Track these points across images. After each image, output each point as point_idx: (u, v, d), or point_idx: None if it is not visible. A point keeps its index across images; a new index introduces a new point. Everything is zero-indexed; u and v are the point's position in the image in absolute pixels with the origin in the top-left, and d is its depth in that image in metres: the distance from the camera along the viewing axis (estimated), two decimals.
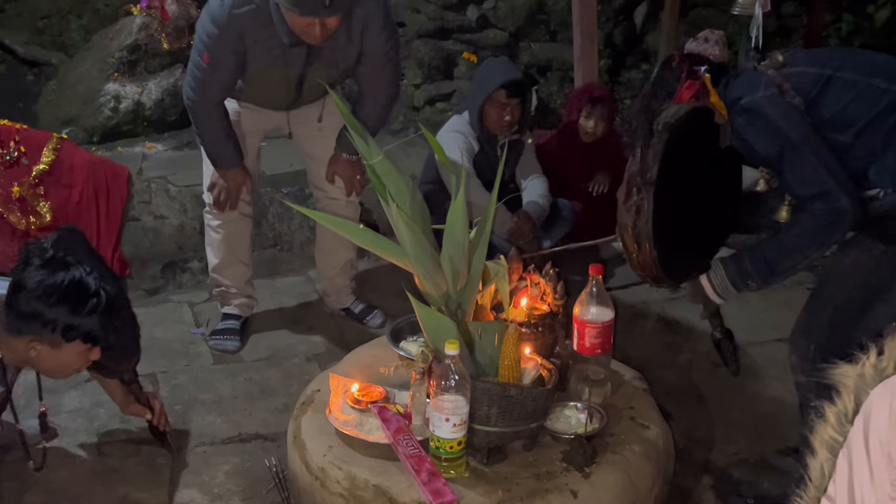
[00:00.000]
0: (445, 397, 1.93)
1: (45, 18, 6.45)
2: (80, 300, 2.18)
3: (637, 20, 5.92)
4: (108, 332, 2.24)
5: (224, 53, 2.86)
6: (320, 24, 2.71)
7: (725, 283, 2.34)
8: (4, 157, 3.56)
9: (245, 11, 2.78)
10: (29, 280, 2.15)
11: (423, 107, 5.59)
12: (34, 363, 2.28)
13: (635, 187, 2.19)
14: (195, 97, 2.98)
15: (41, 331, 2.16)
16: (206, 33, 2.85)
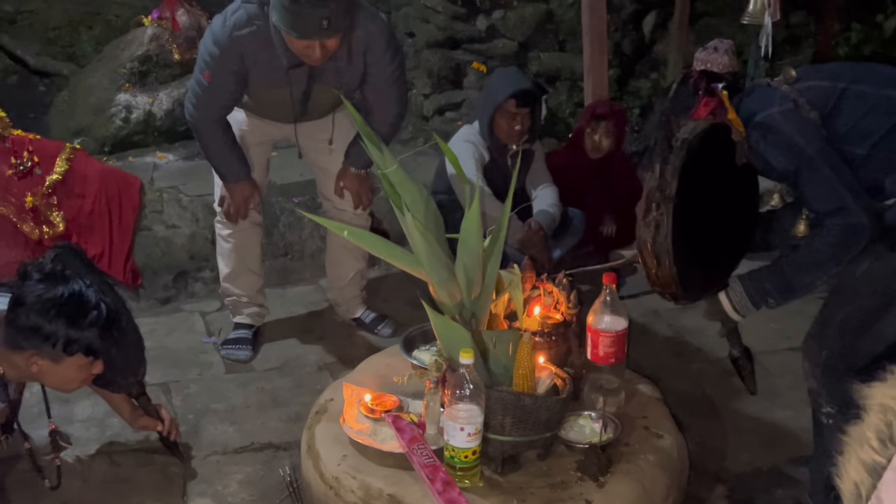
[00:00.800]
0: (460, 406, 1.93)
1: (56, 29, 6.49)
2: (79, 313, 2.16)
3: (646, 29, 5.92)
4: (109, 345, 2.23)
5: (225, 73, 2.88)
6: (320, 45, 2.72)
7: (744, 301, 2.35)
8: (18, 168, 3.58)
9: (246, 33, 2.80)
10: (28, 295, 2.14)
11: (432, 116, 5.60)
12: (37, 378, 2.27)
13: (654, 203, 2.19)
14: (196, 114, 3.00)
15: (41, 345, 2.15)
16: (208, 53, 2.87)
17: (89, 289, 2.19)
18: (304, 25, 2.66)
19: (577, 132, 4.14)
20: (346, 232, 2.13)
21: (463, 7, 5.56)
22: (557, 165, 3.89)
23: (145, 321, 3.61)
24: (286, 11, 2.64)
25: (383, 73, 3.01)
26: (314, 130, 3.22)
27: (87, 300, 2.18)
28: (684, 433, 2.66)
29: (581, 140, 4.08)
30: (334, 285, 3.59)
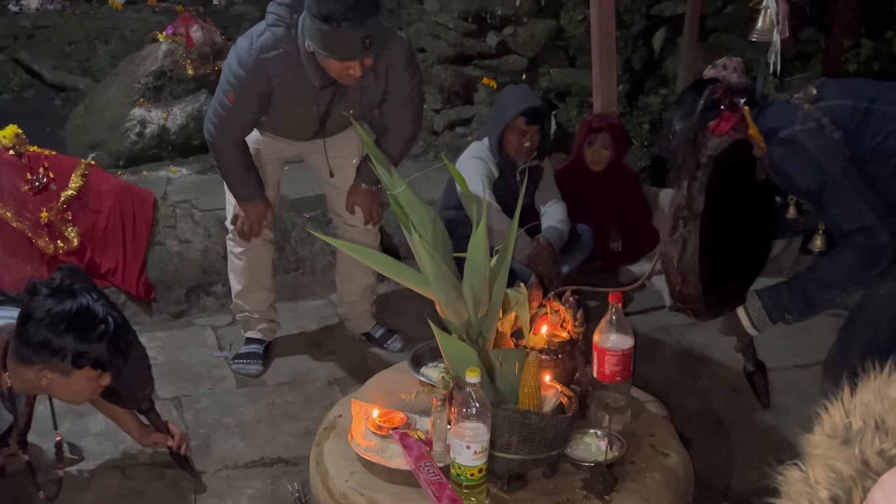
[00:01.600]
0: (466, 424, 1.95)
1: (72, 44, 6.57)
2: (88, 327, 2.19)
3: (655, 45, 5.95)
4: (117, 358, 2.27)
5: (249, 95, 2.91)
6: (360, 65, 2.75)
7: (762, 316, 2.36)
8: (34, 183, 3.63)
9: (273, 56, 2.82)
10: (37, 309, 2.17)
11: (442, 131, 5.64)
12: (46, 391, 2.30)
13: (681, 220, 2.20)
14: (217, 134, 3.03)
15: (51, 359, 2.18)
16: (234, 74, 2.89)
17: (97, 303, 2.23)
18: (345, 48, 2.69)
19: (577, 148, 4.17)
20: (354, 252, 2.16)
21: (474, 23, 5.61)
22: (562, 181, 3.92)
23: (158, 335, 3.67)
24: (325, 35, 2.66)
25: (403, 90, 3.04)
26: (328, 147, 3.25)
27: (96, 314, 2.21)
28: (691, 450, 2.67)
29: (581, 155, 4.12)
30: (344, 300, 3.63)
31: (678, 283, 2.26)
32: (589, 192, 4.05)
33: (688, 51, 5.30)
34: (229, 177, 3.15)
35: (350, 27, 2.63)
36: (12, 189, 3.60)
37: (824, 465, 0.92)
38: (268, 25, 2.86)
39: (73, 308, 2.18)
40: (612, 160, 4.10)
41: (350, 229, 3.38)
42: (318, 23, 2.65)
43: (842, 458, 0.91)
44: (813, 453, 0.95)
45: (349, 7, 2.62)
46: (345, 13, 2.61)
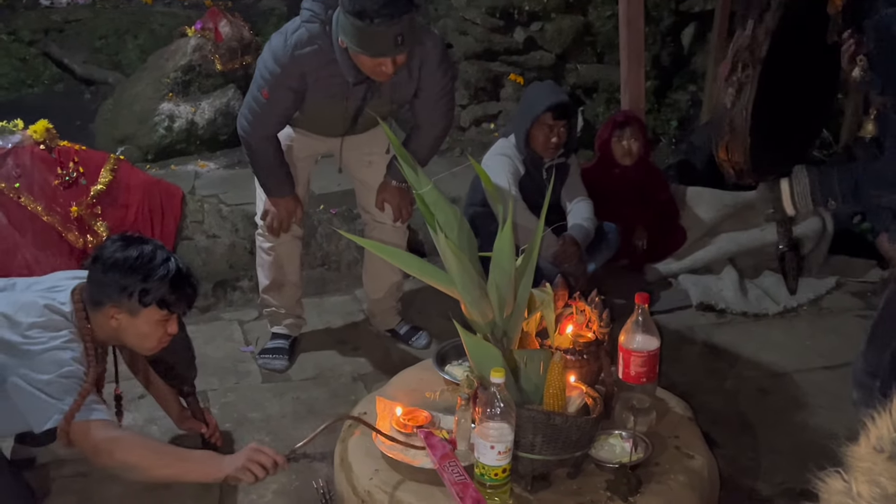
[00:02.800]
0: (491, 425, 1.95)
1: (102, 38, 6.63)
2: (151, 267, 2.31)
3: (684, 41, 5.91)
4: (181, 300, 2.37)
5: (284, 91, 2.92)
6: (392, 61, 2.76)
7: (806, 194, 2.18)
8: (64, 178, 3.67)
9: (308, 52, 2.84)
10: (106, 253, 2.32)
11: (469, 127, 5.63)
12: (118, 336, 2.38)
13: (741, 63, 2.05)
14: (251, 130, 3.03)
15: (119, 297, 2.28)
16: (269, 70, 2.90)
17: (162, 250, 2.37)
18: (378, 44, 2.70)
19: (602, 145, 4.15)
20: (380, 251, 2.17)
21: (501, 19, 5.59)
22: (590, 180, 3.90)
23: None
24: (358, 31, 2.67)
25: (435, 87, 3.05)
26: (359, 144, 3.27)
27: (158, 257, 2.34)
28: (716, 452, 2.65)
29: (608, 152, 4.10)
30: (371, 297, 3.64)
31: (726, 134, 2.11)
32: (616, 190, 4.04)
33: (717, 47, 5.25)
34: (261, 172, 3.15)
35: (383, 24, 2.64)
36: (42, 183, 3.65)
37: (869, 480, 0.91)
38: (302, 22, 2.86)
39: (140, 251, 2.32)
40: (641, 154, 4.08)
41: (378, 226, 3.39)
42: (351, 18, 2.65)
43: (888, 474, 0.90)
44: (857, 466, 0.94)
45: (383, 4, 2.62)
46: (378, 9, 2.62)
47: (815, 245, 4.22)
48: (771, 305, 3.93)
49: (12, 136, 3.70)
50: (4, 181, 3.59)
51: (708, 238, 4.25)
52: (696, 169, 4.73)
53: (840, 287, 4.11)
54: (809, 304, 3.98)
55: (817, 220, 4.21)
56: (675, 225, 4.23)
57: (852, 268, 4.20)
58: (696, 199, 4.31)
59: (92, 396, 2.21)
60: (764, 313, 3.89)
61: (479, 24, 5.62)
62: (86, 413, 2.18)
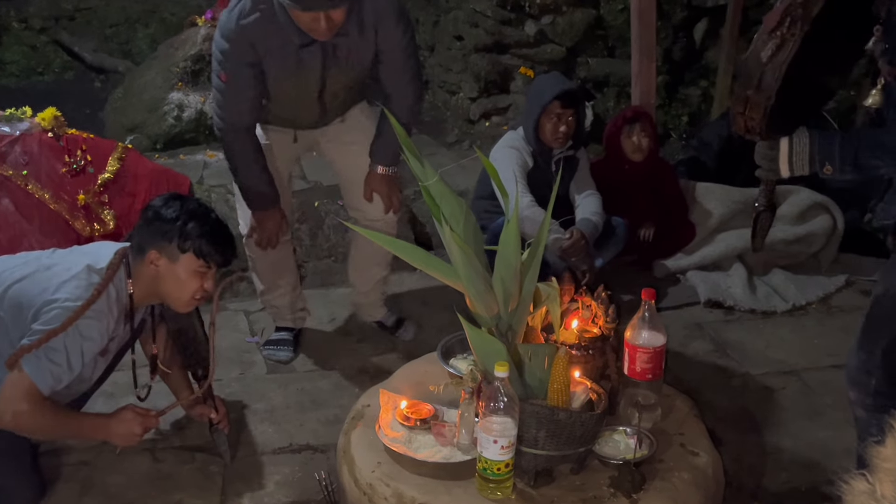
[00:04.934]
0: (494, 419, 1.94)
1: (113, 27, 6.65)
2: (193, 215, 2.44)
3: (697, 36, 5.87)
4: (217, 251, 2.46)
5: (240, 67, 2.82)
6: (325, 18, 2.64)
7: (804, 155, 2.12)
8: (71, 166, 3.66)
9: (252, 20, 2.74)
10: (154, 203, 2.49)
11: (478, 120, 5.61)
12: (157, 286, 2.46)
13: (790, 18, 1.94)
14: (223, 123, 2.95)
15: (160, 241, 2.41)
16: (219, 50, 2.83)
17: (204, 206, 2.53)
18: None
19: (611, 141, 4.12)
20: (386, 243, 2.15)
21: (512, 12, 5.57)
22: (599, 175, 3.88)
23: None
24: None
25: (396, 46, 2.93)
26: (338, 133, 3.19)
27: (202, 208, 2.50)
28: (722, 449, 2.64)
29: (617, 147, 4.08)
30: (358, 289, 3.59)
31: (751, 87, 2.00)
32: (625, 185, 4.02)
33: (729, 42, 5.23)
34: (242, 176, 3.05)
35: None
36: (50, 171, 3.64)
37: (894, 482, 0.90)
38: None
39: (183, 203, 2.48)
40: (650, 149, 4.06)
41: (370, 224, 3.25)
42: None
43: None
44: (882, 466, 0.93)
45: None
46: None
47: (825, 242, 4.19)
48: (780, 303, 3.90)
49: (20, 124, 3.69)
50: (12, 168, 3.59)
51: (717, 234, 4.22)
52: (707, 165, 4.71)
53: (850, 285, 4.08)
54: (819, 302, 3.95)
55: (828, 217, 4.18)
56: (684, 220, 4.21)
57: (862, 266, 4.17)
58: (705, 195, 4.29)
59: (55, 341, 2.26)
60: (772, 311, 3.86)
61: (490, 16, 5.59)
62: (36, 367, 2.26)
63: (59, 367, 2.29)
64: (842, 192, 4.28)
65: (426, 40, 6.22)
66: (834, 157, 2.08)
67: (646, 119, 4.08)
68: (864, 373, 2.26)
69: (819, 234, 4.15)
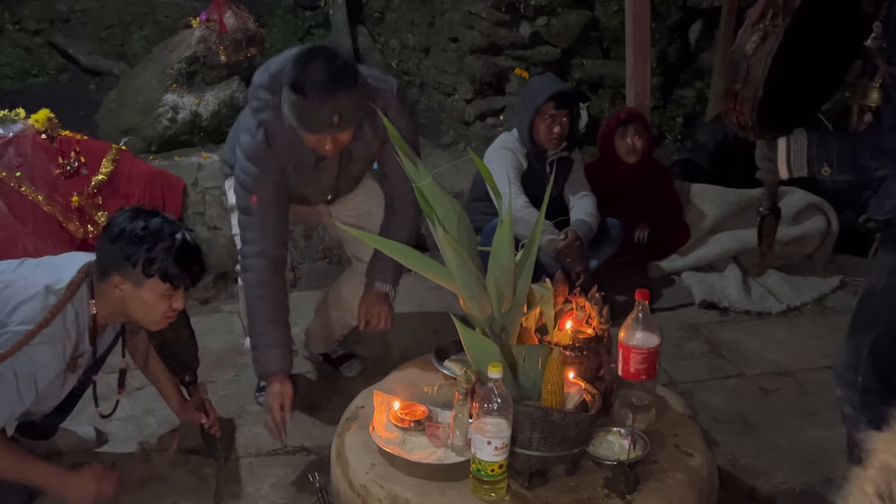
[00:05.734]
0: (488, 420, 1.93)
1: (108, 29, 6.64)
2: (157, 237, 2.31)
3: (691, 38, 5.88)
4: (184, 273, 2.35)
5: (270, 187, 2.68)
6: (331, 139, 2.56)
7: (802, 156, 2.13)
8: (65, 168, 3.66)
9: (279, 143, 2.65)
10: (115, 222, 2.35)
11: (473, 122, 5.61)
12: (124, 309, 2.37)
13: (772, 10, 1.95)
14: (252, 246, 2.71)
15: (124, 266, 2.30)
16: (248, 174, 2.67)
17: (171, 223, 2.37)
18: (313, 120, 2.51)
19: (605, 143, 4.12)
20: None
21: (507, 13, 5.57)
22: (593, 177, 3.88)
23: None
24: (295, 107, 2.50)
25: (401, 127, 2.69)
26: (351, 199, 3.06)
27: (165, 229, 2.34)
28: (716, 451, 2.64)
29: (611, 149, 4.08)
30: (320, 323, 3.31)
31: (738, 81, 2.01)
32: (619, 186, 4.02)
33: (724, 44, 5.23)
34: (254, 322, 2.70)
35: (319, 100, 2.45)
36: (44, 173, 3.64)
37: None
38: (253, 112, 2.68)
39: (147, 222, 2.33)
40: (645, 151, 4.06)
41: None
42: (290, 92, 2.48)
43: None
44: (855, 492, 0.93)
45: (322, 77, 2.44)
46: (316, 83, 2.44)
47: (819, 243, 4.20)
48: (774, 304, 3.91)
49: (14, 125, 3.69)
50: (5, 170, 3.59)
51: (712, 235, 4.22)
52: (701, 166, 4.71)
53: (844, 286, 4.09)
54: (813, 303, 3.96)
55: (822, 218, 4.18)
56: (678, 221, 4.21)
57: (857, 267, 4.18)
58: (700, 196, 4.29)
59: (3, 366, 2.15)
60: (767, 312, 3.87)
61: (485, 18, 5.59)
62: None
63: (9, 395, 2.18)
64: (836, 193, 4.28)
65: (421, 42, 6.22)
66: (832, 158, 2.09)
67: (640, 121, 4.08)
68: (852, 370, 2.27)
69: (814, 235, 4.16)
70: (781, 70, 2.01)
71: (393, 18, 6.59)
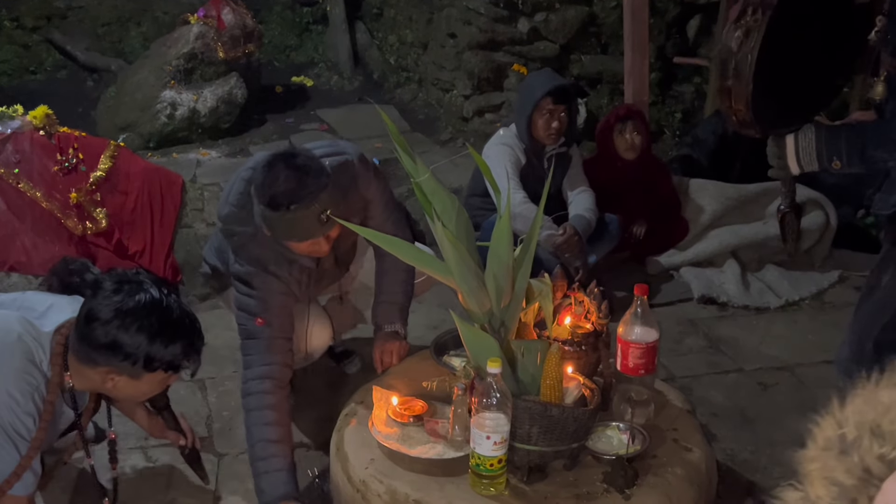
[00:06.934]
0: (487, 415, 1.94)
1: (105, 25, 6.63)
2: (162, 326, 2.00)
3: (690, 33, 5.87)
4: (192, 358, 2.10)
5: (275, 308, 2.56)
6: (324, 239, 2.47)
7: (811, 150, 2.11)
8: (63, 164, 3.66)
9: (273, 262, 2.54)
10: (103, 307, 1.98)
11: (472, 118, 5.60)
12: (109, 393, 2.14)
13: (751, 7, 1.96)
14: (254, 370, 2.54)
15: (120, 363, 1.99)
16: (249, 296, 2.55)
17: (169, 297, 2.05)
18: (303, 229, 2.40)
19: (603, 139, 4.12)
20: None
21: (505, 9, 5.56)
22: (591, 173, 3.88)
23: None
24: (279, 221, 2.37)
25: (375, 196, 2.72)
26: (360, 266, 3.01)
27: (171, 310, 2.03)
28: (715, 445, 2.65)
29: (609, 145, 4.07)
30: None
31: (728, 77, 2.01)
32: (618, 183, 4.01)
33: None
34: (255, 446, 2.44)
35: (300, 208, 2.32)
36: (42, 169, 3.64)
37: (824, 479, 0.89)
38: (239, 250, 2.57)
39: (143, 303, 1.99)
40: (643, 146, 4.06)
41: None
42: (268, 212, 2.35)
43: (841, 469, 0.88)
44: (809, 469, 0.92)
45: (293, 188, 2.32)
46: (290, 196, 2.31)
47: (818, 238, 4.20)
48: (773, 299, 3.91)
49: (11, 122, 3.68)
50: (3, 167, 3.58)
51: (710, 231, 4.22)
52: (700, 162, 4.71)
53: (843, 281, 4.09)
54: (812, 298, 3.96)
55: (821, 213, 4.19)
56: (677, 217, 4.21)
57: (856, 262, 4.18)
58: (699, 192, 4.29)
59: None
60: (766, 307, 3.87)
61: (483, 13, 5.58)
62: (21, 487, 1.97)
63: None
64: (835, 188, 4.29)
65: (419, 38, 6.21)
66: (841, 152, 2.08)
67: (638, 117, 4.07)
68: (855, 363, 2.27)
69: (812, 230, 4.16)
70: (773, 64, 2.01)
71: (391, 14, 6.58)
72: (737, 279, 3.99)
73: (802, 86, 2.16)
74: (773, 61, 2.01)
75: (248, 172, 2.51)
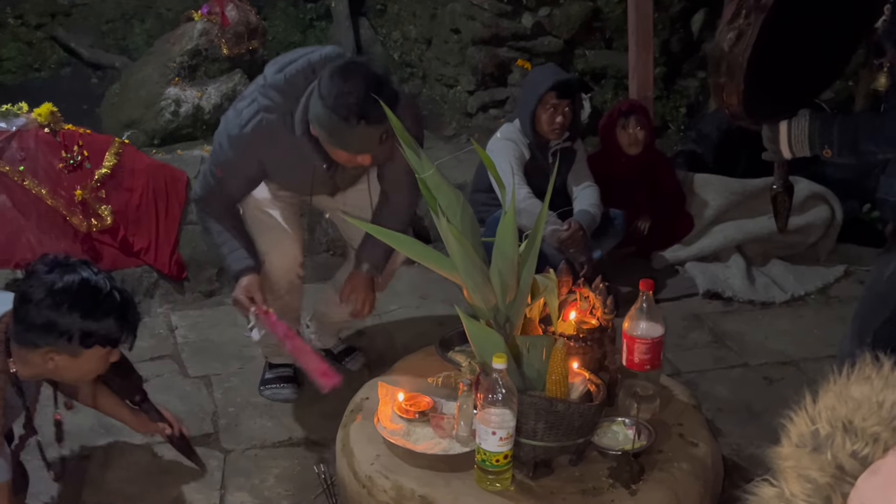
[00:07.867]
0: (492, 411, 1.94)
1: (109, 22, 6.62)
2: (94, 303, 2.07)
3: (694, 28, 5.86)
4: (127, 332, 2.16)
5: (238, 177, 2.71)
6: (363, 157, 2.53)
7: (803, 137, 2.15)
8: (68, 161, 3.66)
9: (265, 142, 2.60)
10: (36, 289, 2.03)
11: (476, 113, 5.60)
12: (53, 374, 2.18)
13: (745, 10, 1.97)
14: (201, 200, 2.80)
15: (57, 341, 2.05)
16: (223, 152, 2.67)
17: (98, 275, 2.11)
18: (361, 143, 2.46)
19: (606, 134, 4.11)
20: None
21: (509, 4, 5.55)
22: (596, 168, 3.87)
23: (189, 314, 3.71)
24: (339, 130, 2.43)
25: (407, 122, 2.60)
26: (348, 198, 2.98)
27: (100, 287, 2.08)
28: (721, 440, 2.65)
29: (613, 141, 4.06)
30: (319, 320, 3.32)
31: (721, 75, 2.04)
32: (622, 178, 4.01)
33: None
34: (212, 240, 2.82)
35: (368, 125, 2.39)
36: (47, 167, 3.64)
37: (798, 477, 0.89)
38: (260, 108, 2.59)
39: (74, 283, 2.04)
40: (647, 142, 4.05)
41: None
42: (333, 117, 2.40)
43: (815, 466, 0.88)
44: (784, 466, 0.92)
45: (369, 108, 2.35)
46: (366, 114, 2.37)
47: (823, 233, 4.19)
48: (778, 294, 3.91)
49: (17, 119, 3.69)
50: (9, 164, 3.58)
51: (715, 226, 4.22)
52: (705, 157, 4.70)
53: (848, 275, 4.08)
54: (817, 293, 3.96)
55: (826, 208, 4.18)
56: (681, 212, 4.20)
57: (861, 256, 4.18)
58: (703, 187, 4.28)
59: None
60: (771, 301, 3.87)
61: (487, 9, 5.57)
62: None
63: None
64: (840, 182, 4.28)
65: (423, 34, 6.20)
66: (832, 141, 2.10)
67: (641, 112, 4.07)
68: (857, 357, 2.26)
69: (817, 224, 4.15)
70: (766, 62, 2.03)
71: (395, 10, 6.57)
72: (742, 274, 3.99)
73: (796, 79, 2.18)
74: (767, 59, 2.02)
75: (319, 62, 2.52)
